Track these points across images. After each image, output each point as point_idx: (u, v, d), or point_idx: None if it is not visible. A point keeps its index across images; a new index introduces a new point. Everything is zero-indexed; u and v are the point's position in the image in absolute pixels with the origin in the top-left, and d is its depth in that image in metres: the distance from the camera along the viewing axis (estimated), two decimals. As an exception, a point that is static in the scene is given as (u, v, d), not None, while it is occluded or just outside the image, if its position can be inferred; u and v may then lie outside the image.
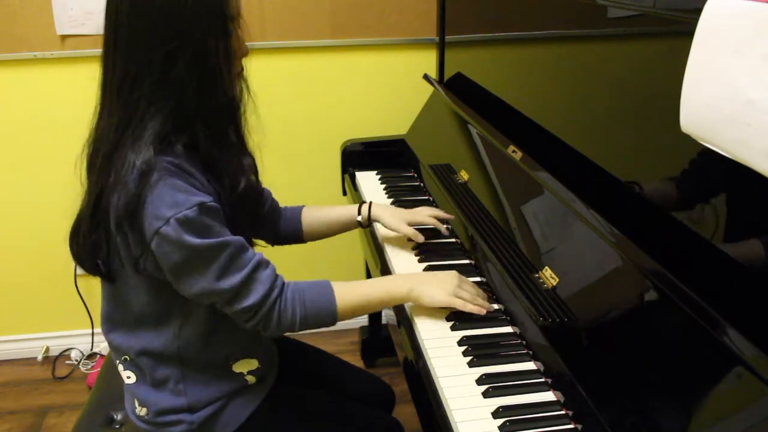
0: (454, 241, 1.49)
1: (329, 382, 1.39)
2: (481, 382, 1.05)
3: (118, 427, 1.30)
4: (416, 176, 1.88)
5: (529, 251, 1.25)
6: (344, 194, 2.01)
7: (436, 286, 1.19)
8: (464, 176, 1.61)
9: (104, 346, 2.32)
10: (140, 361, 1.13)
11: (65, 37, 1.98)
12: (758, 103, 0.70)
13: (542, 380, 1.05)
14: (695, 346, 0.86)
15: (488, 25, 1.76)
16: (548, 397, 1.02)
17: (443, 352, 1.13)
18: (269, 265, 1.10)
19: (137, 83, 0.99)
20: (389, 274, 1.38)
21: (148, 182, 0.97)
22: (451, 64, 2.01)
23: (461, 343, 1.14)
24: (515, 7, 1.60)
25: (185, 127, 1.02)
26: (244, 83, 1.10)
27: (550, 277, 1.16)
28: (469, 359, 1.10)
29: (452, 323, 1.18)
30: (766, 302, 0.82)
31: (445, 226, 1.45)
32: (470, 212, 1.47)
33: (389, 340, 2.17)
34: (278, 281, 1.10)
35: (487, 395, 1.02)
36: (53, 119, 2.08)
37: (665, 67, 1.01)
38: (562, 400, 1.00)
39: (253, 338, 1.18)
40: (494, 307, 1.23)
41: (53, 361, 2.33)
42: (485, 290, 1.28)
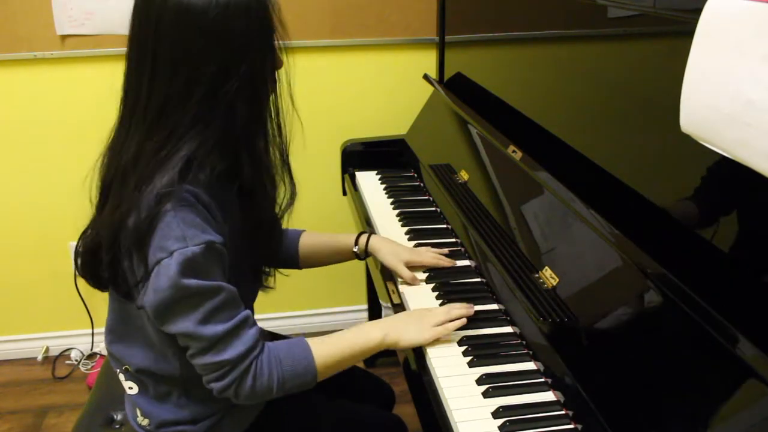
0: (454, 241, 1.49)
1: (329, 382, 1.38)
2: (481, 382, 1.05)
3: (118, 427, 1.30)
4: (416, 176, 1.88)
5: (529, 251, 1.25)
6: (344, 194, 2.01)
7: (411, 326, 1.14)
8: (464, 176, 1.61)
9: (104, 346, 2.32)
10: (141, 376, 1.11)
11: (65, 37, 1.98)
12: (758, 103, 0.70)
13: (542, 380, 1.05)
14: (695, 345, 0.86)
15: (488, 25, 1.76)
16: (548, 397, 1.02)
17: (443, 351, 1.13)
18: (255, 325, 1.03)
19: (183, 106, 0.94)
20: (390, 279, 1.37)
21: (161, 210, 0.92)
22: (451, 64, 2.01)
23: (461, 343, 1.14)
24: (515, 7, 1.60)
25: (227, 150, 0.97)
26: (290, 99, 1.06)
27: (550, 277, 1.16)
28: (469, 359, 1.10)
29: (452, 323, 1.18)
30: (766, 302, 0.82)
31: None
32: (470, 212, 1.47)
33: (389, 340, 2.17)
34: (259, 344, 1.02)
35: (487, 395, 1.02)
36: (53, 119, 2.08)
37: (665, 67, 1.01)
38: (562, 400, 1.00)
39: None
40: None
41: (53, 361, 2.33)
42: (485, 290, 1.28)
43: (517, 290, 1.18)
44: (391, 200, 1.74)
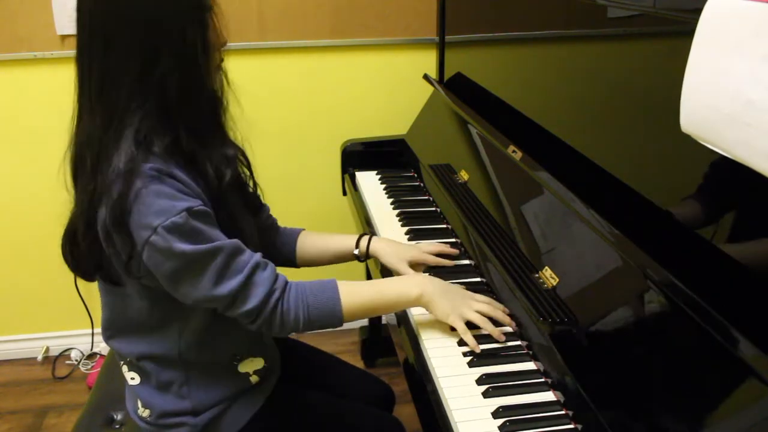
0: (454, 241, 1.49)
1: (329, 382, 1.38)
2: (481, 382, 1.05)
3: (118, 427, 1.30)
4: (416, 176, 1.88)
5: (529, 251, 1.25)
6: (344, 194, 2.01)
7: (446, 298, 1.15)
8: (464, 176, 1.61)
9: (104, 346, 2.32)
10: (143, 364, 1.13)
11: (65, 37, 1.98)
12: (758, 103, 0.70)
13: (542, 380, 1.05)
14: (695, 345, 0.86)
15: (488, 25, 1.76)
16: (548, 397, 1.02)
17: (443, 352, 1.13)
18: (268, 265, 1.07)
19: (117, 82, 0.97)
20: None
21: (130, 190, 0.94)
22: (451, 64, 2.01)
23: (461, 343, 1.14)
24: (515, 7, 1.60)
25: (166, 124, 0.99)
26: (223, 75, 1.07)
27: (550, 277, 1.16)
28: (469, 359, 1.10)
29: (452, 323, 1.18)
30: (766, 302, 0.82)
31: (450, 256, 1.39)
32: (470, 212, 1.47)
33: (389, 340, 2.17)
34: (279, 282, 1.06)
35: (487, 395, 1.02)
36: (53, 119, 2.07)
37: (665, 67, 1.01)
38: (562, 400, 1.00)
39: (256, 337, 1.17)
40: (508, 330, 1.15)
41: (53, 361, 2.33)
42: (485, 290, 1.28)
43: (517, 290, 1.18)
44: (391, 200, 1.74)
